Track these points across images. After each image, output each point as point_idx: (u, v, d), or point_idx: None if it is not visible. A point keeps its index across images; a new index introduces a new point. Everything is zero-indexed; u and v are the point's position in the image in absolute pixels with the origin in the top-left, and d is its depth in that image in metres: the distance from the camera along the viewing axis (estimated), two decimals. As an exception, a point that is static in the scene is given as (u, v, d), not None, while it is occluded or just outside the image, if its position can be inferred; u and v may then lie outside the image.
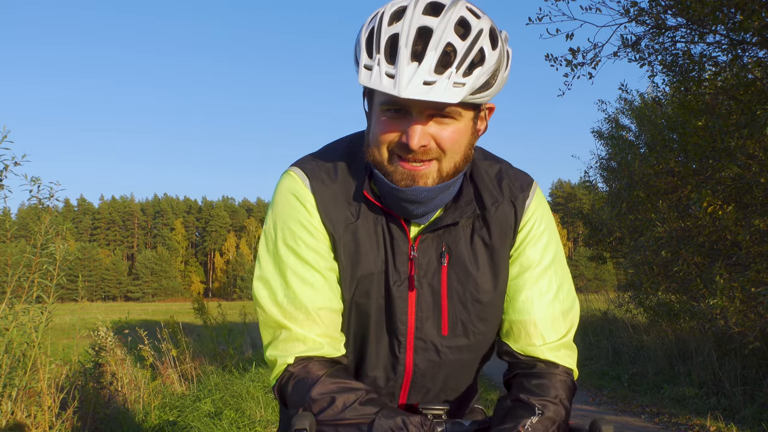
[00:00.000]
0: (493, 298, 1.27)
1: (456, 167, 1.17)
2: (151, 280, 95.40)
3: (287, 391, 1.17)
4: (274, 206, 1.26)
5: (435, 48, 1.04)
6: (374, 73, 1.06)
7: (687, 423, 5.78)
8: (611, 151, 10.89)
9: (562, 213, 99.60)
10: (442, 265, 1.24)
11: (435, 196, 1.18)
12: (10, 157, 4.11)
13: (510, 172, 1.32)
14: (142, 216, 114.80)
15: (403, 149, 1.12)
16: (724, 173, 5.88)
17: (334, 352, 1.20)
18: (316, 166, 1.27)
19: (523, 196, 1.28)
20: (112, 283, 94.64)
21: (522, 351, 1.26)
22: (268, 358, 1.22)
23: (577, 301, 1.32)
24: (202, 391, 6.25)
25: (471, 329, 1.27)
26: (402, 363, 1.27)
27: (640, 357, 8.90)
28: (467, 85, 1.05)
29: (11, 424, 3.90)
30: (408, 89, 1.02)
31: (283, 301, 1.20)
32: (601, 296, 14.25)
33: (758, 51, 5.73)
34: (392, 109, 1.11)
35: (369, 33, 1.10)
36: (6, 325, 3.99)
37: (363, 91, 1.22)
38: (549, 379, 1.22)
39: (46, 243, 4.23)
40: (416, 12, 1.06)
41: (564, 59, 6.53)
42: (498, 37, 1.11)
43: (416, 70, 1.03)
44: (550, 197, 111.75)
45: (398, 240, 1.24)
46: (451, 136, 1.13)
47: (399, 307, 1.24)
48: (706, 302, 6.31)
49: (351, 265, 1.23)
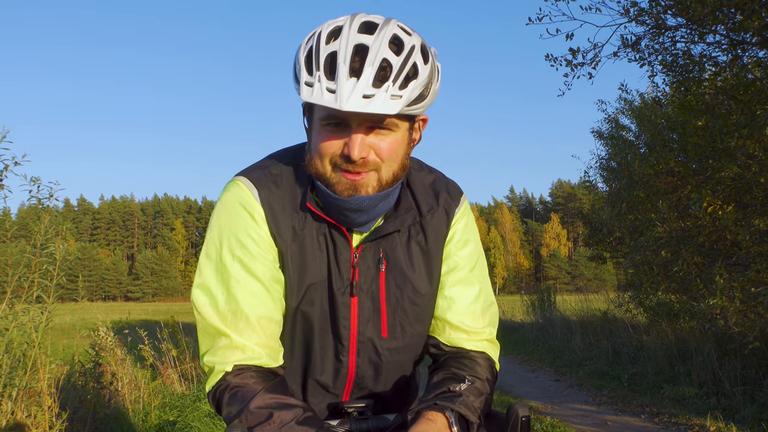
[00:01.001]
0: (429, 300, 1.36)
1: (394, 176, 1.23)
2: (151, 280, 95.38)
3: (224, 400, 1.18)
4: (220, 215, 1.28)
5: (372, 64, 1.10)
6: (315, 89, 1.11)
7: (687, 423, 5.78)
8: (611, 151, 10.89)
9: (562, 213, 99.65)
10: (380, 271, 1.31)
11: (376, 204, 1.24)
12: (11, 157, 4.11)
13: (443, 181, 1.41)
14: (142, 216, 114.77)
15: (344, 160, 1.18)
16: (724, 173, 5.88)
17: (271, 363, 1.23)
18: (263, 174, 1.30)
19: (454, 204, 1.38)
20: (112, 283, 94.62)
21: (448, 342, 1.36)
22: (206, 364, 1.23)
23: (495, 304, 1.43)
24: (202, 391, 6.24)
25: (409, 331, 1.35)
26: (345, 366, 1.33)
27: (640, 357, 8.89)
28: (404, 98, 1.12)
29: (11, 424, 3.91)
30: (349, 103, 1.08)
31: (224, 308, 1.22)
32: (601, 296, 14.24)
33: (758, 51, 5.72)
34: (333, 123, 1.16)
35: (308, 52, 1.15)
36: (6, 325, 3.99)
37: (303, 107, 1.27)
38: (475, 359, 1.32)
39: (46, 243, 4.23)
40: (352, 31, 1.13)
41: (564, 59, 6.54)
42: (428, 53, 1.18)
43: (355, 84, 1.09)
44: (550, 197, 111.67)
45: (341, 248, 1.29)
46: (389, 147, 1.19)
47: (342, 312, 1.29)
48: (706, 302, 6.31)
49: (298, 275, 1.27)
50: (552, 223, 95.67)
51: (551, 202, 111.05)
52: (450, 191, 1.39)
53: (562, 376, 9.29)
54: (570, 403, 7.17)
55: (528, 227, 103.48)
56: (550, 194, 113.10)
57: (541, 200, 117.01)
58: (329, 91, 1.10)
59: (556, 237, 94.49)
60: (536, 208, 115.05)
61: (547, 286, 21.81)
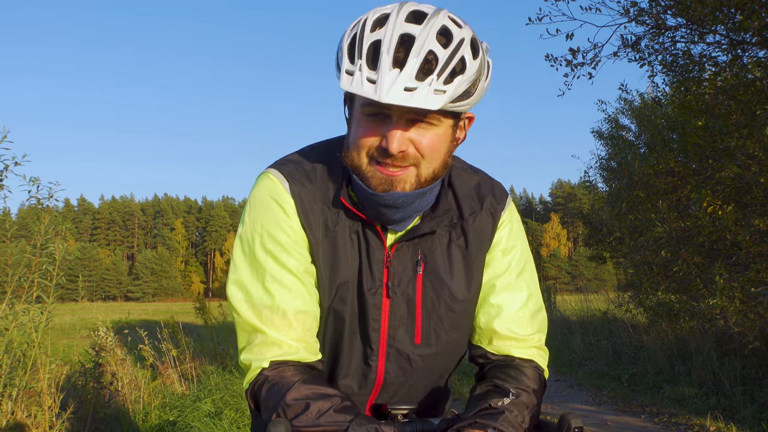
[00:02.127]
0: (466, 307, 1.29)
1: (434, 173, 1.17)
2: (152, 280, 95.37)
3: (261, 395, 1.16)
4: (252, 209, 1.24)
5: (417, 55, 1.05)
6: (355, 78, 1.06)
7: (687, 423, 5.78)
8: (611, 151, 10.89)
9: (562, 213, 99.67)
10: (417, 274, 1.25)
11: (412, 201, 1.18)
12: (11, 157, 4.11)
13: (488, 183, 1.35)
14: (142, 216, 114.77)
15: (382, 154, 1.13)
16: (723, 173, 5.88)
17: (309, 357, 1.20)
18: (295, 168, 1.25)
19: (500, 207, 1.32)
20: (112, 283, 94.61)
21: (495, 351, 1.30)
22: (243, 362, 1.21)
23: (544, 309, 1.36)
24: (202, 391, 6.24)
25: (444, 338, 1.29)
26: (374, 371, 1.27)
27: (640, 357, 8.89)
28: (448, 93, 1.07)
29: (11, 424, 3.91)
30: (389, 95, 1.03)
31: (260, 304, 1.19)
32: (601, 296, 14.24)
33: (758, 51, 5.73)
34: (373, 114, 1.12)
35: (351, 39, 1.10)
36: (6, 325, 4.00)
37: (344, 97, 1.23)
38: (522, 370, 1.25)
39: (46, 243, 4.23)
40: (399, 19, 1.07)
41: (564, 59, 6.54)
42: (479, 47, 1.12)
43: (397, 76, 1.04)
44: (550, 197, 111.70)
45: (374, 247, 1.24)
46: (430, 143, 1.13)
47: (372, 314, 1.24)
48: (706, 302, 6.31)
49: (330, 271, 1.22)
50: (552, 223, 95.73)
51: (551, 202, 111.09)
52: (495, 194, 1.33)
53: (562, 376, 9.29)
54: (570, 403, 7.17)
55: (528, 227, 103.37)
56: (550, 194, 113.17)
57: (541, 200, 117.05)
58: (369, 81, 1.05)
59: (556, 237, 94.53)
60: (536, 208, 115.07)
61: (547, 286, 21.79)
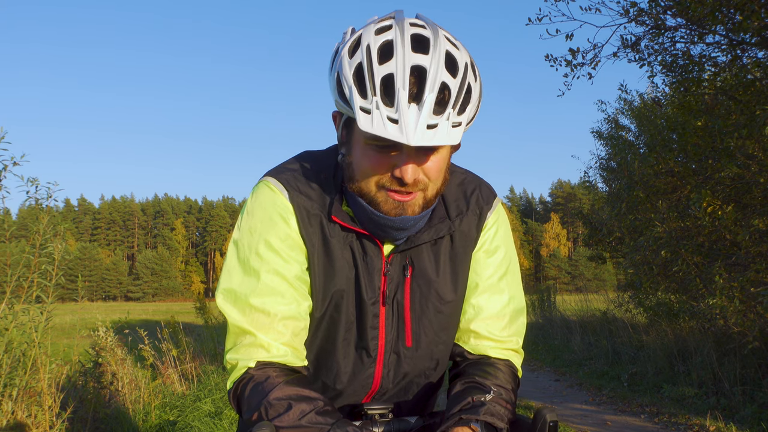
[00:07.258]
0: (454, 308, 1.32)
1: (437, 192, 1.21)
2: (152, 280, 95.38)
3: (245, 393, 1.16)
4: (250, 216, 1.25)
5: (432, 89, 1.04)
6: (375, 119, 1.04)
7: (686, 423, 5.79)
8: (611, 152, 10.90)
9: (562, 213, 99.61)
10: (405, 278, 1.27)
11: (419, 221, 1.22)
12: (9, 158, 4.11)
13: (475, 184, 1.36)
14: (143, 216, 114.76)
15: (395, 183, 1.14)
16: (723, 173, 5.88)
17: (296, 362, 1.20)
18: (293, 177, 1.26)
19: (487, 207, 1.33)
20: (112, 283, 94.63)
21: (473, 350, 1.33)
22: (229, 361, 1.21)
23: (524, 313, 1.38)
24: (202, 390, 6.25)
25: (433, 339, 1.31)
26: (371, 376, 1.30)
27: (639, 357, 8.90)
28: (463, 124, 1.09)
29: (12, 424, 3.91)
30: (416, 137, 1.03)
31: (251, 308, 1.19)
32: (601, 296, 14.22)
33: (757, 51, 5.73)
34: (383, 145, 1.11)
35: (357, 70, 1.07)
36: (6, 325, 4.00)
37: (334, 116, 1.23)
38: (498, 367, 1.28)
39: (45, 243, 4.23)
40: (406, 50, 1.05)
41: (564, 59, 6.55)
42: (476, 68, 1.14)
43: (418, 114, 1.03)
44: (550, 197, 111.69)
45: (372, 257, 1.25)
46: (436, 166, 1.16)
47: (371, 322, 1.26)
48: (706, 302, 6.32)
49: (325, 279, 1.24)
50: (552, 223, 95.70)
51: (551, 202, 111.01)
52: (483, 194, 1.34)
53: (562, 376, 9.30)
54: (570, 402, 7.18)
55: (528, 227, 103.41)
56: (549, 194, 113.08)
57: (541, 200, 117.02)
58: (391, 121, 1.03)
59: (555, 237, 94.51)
60: (536, 208, 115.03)
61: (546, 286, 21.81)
